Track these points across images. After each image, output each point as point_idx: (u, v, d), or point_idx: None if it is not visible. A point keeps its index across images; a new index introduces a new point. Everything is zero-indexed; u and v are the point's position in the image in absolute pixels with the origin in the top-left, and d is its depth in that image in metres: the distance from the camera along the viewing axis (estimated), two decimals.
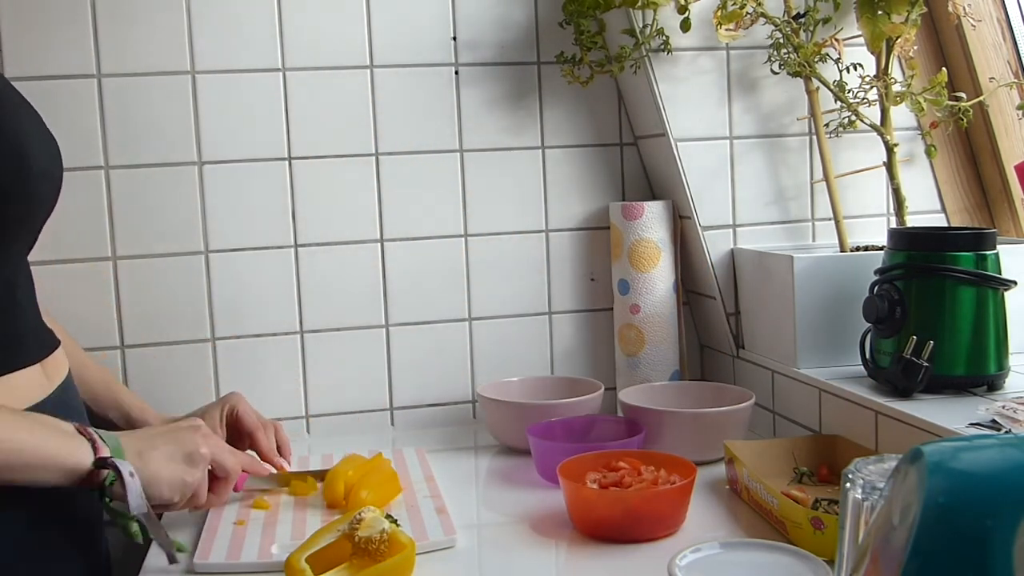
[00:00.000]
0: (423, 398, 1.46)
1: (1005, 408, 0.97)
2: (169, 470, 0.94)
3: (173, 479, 0.94)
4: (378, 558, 0.88)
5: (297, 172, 1.39)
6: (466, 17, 1.42)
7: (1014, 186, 1.40)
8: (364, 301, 1.43)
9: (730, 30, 1.30)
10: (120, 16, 1.32)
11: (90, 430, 0.90)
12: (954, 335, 1.10)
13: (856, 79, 1.30)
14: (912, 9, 1.22)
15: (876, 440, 1.10)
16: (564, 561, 0.98)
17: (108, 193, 1.34)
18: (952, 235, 1.21)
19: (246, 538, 1.00)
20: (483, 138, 1.45)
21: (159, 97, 1.34)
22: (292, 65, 1.38)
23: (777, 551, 0.81)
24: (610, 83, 1.47)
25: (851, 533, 0.68)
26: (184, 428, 0.99)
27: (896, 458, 0.62)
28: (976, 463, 0.55)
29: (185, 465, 0.96)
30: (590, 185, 1.49)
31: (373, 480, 1.09)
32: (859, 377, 1.18)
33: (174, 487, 0.95)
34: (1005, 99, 1.39)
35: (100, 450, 0.89)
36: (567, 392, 1.36)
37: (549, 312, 1.50)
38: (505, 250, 1.47)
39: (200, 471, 0.97)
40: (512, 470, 1.25)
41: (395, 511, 1.02)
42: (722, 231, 1.40)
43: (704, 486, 1.12)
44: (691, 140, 1.38)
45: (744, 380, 1.40)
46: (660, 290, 1.42)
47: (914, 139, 1.41)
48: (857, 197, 1.39)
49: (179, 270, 1.37)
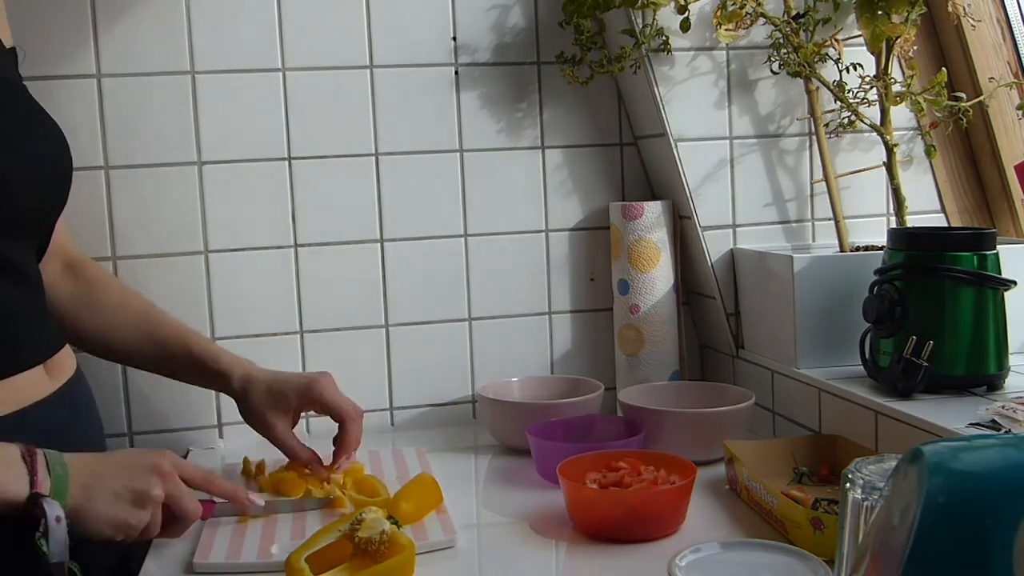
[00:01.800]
0: (423, 398, 1.46)
1: (1005, 408, 0.97)
2: (114, 509, 0.89)
3: (116, 520, 0.89)
4: (378, 559, 0.88)
5: (297, 172, 1.40)
6: (466, 17, 1.42)
7: (1014, 186, 1.40)
8: (364, 301, 1.43)
9: (730, 30, 1.30)
10: (120, 16, 1.32)
11: (37, 458, 0.85)
12: (954, 335, 1.10)
13: (856, 79, 1.30)
14: (912, 9, 1.22)
15: (876, 440, 1.10)
16: (564, 561, 0.98)
17: (108, 193, 1.34)
18: (952, 235, 1.21)
19: (246, 538, 1.00)
20: (483, 138, 1.45)
21: (159, 97, 1.34)
22: (292, 65, 1.38)
23: (777, 551, 0.81)
24: (610, 83, 1.47)
25: (851, 533, 0.68)
26: (142, 466, 0.92)
27: (896, 458, 0.62)
28: (976, 463, 0.55)
29: (131, 506, 0.90)
30: (590, 185, 1.49)
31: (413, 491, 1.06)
32: (859, 377, 1.18)
33: (116, 527, 0.89)
34: (1005, 99, 1.39)
35: (39, 483, 0.84)
36: (567, 392, 1.36)
37: (549, 312, 1.50)
38: (505, 250, 1.47)
39: (147, 513, 0.91)
40: (512, 470, 1.25)
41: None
42: (722, 231, 1.40)
43: (704, 486, 1.12)
44: (691, 140, 1.38)
45: (744, 380, 1.40)
46: (660, 290, 1.42)
47: (914, 139, 1.41)
48: (857, 197, 1.39)
49: (179, 270, 1.37)
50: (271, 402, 1.15)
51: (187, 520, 0.96)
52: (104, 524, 0.88)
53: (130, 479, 0.90)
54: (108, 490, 0.89)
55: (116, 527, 0.89)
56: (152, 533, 0.93)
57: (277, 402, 1.15)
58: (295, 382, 1.16)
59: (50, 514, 0.83)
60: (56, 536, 0.83)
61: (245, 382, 1.16)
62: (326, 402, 1.15)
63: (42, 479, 0.84)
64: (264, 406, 1.15)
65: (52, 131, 1.03)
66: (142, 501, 0.90)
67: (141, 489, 0.90)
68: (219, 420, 1.39)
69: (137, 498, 0.90)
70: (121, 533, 0.90)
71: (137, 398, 1.37)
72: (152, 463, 0.93)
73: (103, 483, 0.89)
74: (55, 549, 0.83)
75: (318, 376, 1.17)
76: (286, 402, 1.15)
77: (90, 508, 0.87)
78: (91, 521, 0.87)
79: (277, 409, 1.15)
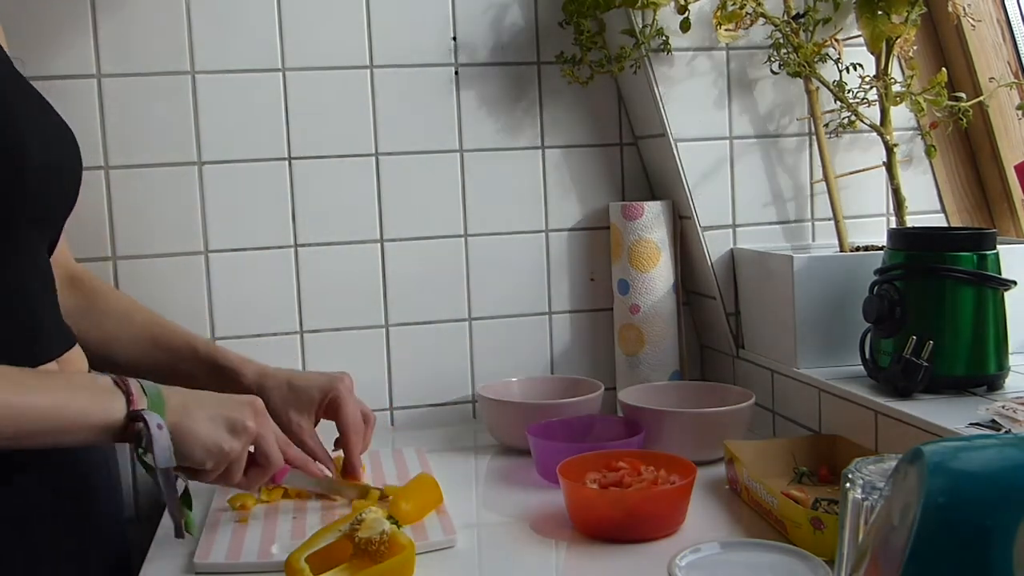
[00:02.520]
0: (423, 398, 1.46)
1: (1005, 408, 0.97)
2: (209, 431, 0.90)
3: (210, 442, 0.90)
4: (378, 559, 0.88)
5: (297, 172, 1.40)
6: (466, 17, 1.42)
7: (1014, 186, 1.40)
8: (364, 301, 1.43)
9: (730, 30, 1.30)
10: (120, 16, 1.32)
11: (130, 382, 0.88)
12: (954, 335, 1.10)
13: (856, 79, 1.30)
14: (912, 9, 1.22)
15: (876, 440, 1.10)
16: (564, 561, 0.98)
17: (108, 193, 1.34)
18: (952, 235, 1.21)
19: (246, 538, 1.00)
20: (483, 138, 1.45)
21: (159, 97, 1.34)
22: (292, 65, 1.38)
23: (777, 551, 0.81)
24: (610, 83, 1.47)
25: (851, 533, 0.68)
26: (239, 399, 0.95)
27: (896, 458, 0.62)
28: (976, 463, 0.55)
29: (227, 432, 0.91)
30: (590, 185, 1.49)
31: (413, 491, 1.06)
32: (859, 377, 1.18)
33: (209, 451, 0.90)
34: (1005, 99, 1.39)
35: (135, 402, 0.86)
36: (567, 392, 1.36)
37: (549, 312, 1.50)
38: (505, 250, 1.47)
39: (240, 443, 0.92)
40: (512, 470, 1.25)
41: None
42: (722, 231, 1.40)
43: (704, 486, 1.12)
44: (691, 140, 1.38)
45: (744, 380, 1.40)
46: (660, 290, 1.42)
47: (914, 139, 1.41)
48: (857, 197, 1.39)
49: (179, 270, 1.37)
50: (293, 399, 1.13)
51: (269, 467, 0.96)
52: (199, 445, 0.89)
53: (225, 407, 0.92)
54: (205, 413, 0.90)
55: (210, 451, 0.90)
56: (235, 476, 0.93)
57: (299, 400, 1.13)
58: (318, 380, 1.15)
59: (151, 422, 0.84)
60: (160, 443, 0.85)
61: (260, 378, 1.14)
62: (339, 407, 1.13)
63: (138, 398, 0.86)
64: (287, 403, 1.13)
65: (63, 128, 1.03)
66: (236, 430, 0.91)
67: (236, 418, 0.91)
68: None
69: (232, 425, 0.91)
70: (214, 459, 0.90)
71: None
72: (248, 399, 0.95)
73: (200, 406, 0.91)
74: (161, 455, 0.85)
75: (341, 375, 1.16)
76: (309, 400, 1.13)
77: (187, 426, 0.88)
78: (188, 439, 0.88)
79: (299, 407, 1.13)
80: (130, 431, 0.86)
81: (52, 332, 0.99)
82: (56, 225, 1.03)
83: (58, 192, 1.00)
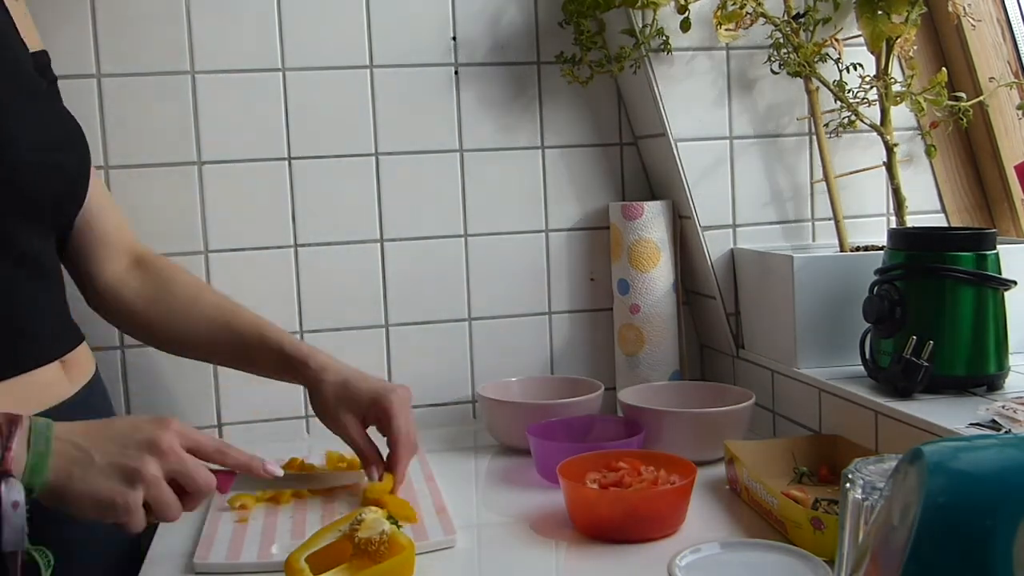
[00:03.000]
0: (423, 398, 1.46)
1: (1005, 408, 0.97)
2: (100, 486, 0.81)
3: (102, 497, 0.81)
4: (378, 559, 0.88)
5: (297, 172, 1.39)
6: (466, 17, 1.42)
7: (1014, 186, 1.40)
8: (364, 301, 1.43)
9: (730, 30, 1.30)
10: (120, 16, 1.32)
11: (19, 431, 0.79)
12: (954, 335, 1.10)
13: (856, 79, 1.30)
14: (912, 9, 1.22)
15: (876, 440, 1.10)
16: (564, 561, 0.98)
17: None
18: (952, 235, 1.21)
19: (246, 538, 1.00)
20: (483, 138, 1.45)
21: (159, 97, 1.34)
22: (292, 65, 1.38)
23: (777, 551, 0.81)
24: (610, 83, 1.47)
25: (851, 533, 0.68)
26: (136, 441, 0.84)
27: (896, 458, 0.62)
28: (976, 463, 0.55)
29: (120, 484, 0.82)
30: (590, 185, 1.49)
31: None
32: (859, 377, 1.18)
33: (101, 506, 0.82)
34: (1005, 99, 1.39)
35: (9, 460, 0.77)
36: (567, 392, 1.36)
37: (549, 312, 1.50)
38: (505, 250, 1.47)
39: (137, 492, 0.82)
40: (512, 470, 1.25)
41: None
42: (722, 231, 1.40)
43: (704, 486, 1.12)
44: (691, 140, 1.38)
45: (744, 380, 1.40)
46: (660, 290, 1.42)
47: (914, 139, 1.41)
48: (857, 197, 1.39)
49: None
50: (345, 398, 1.11)
51: (199, 489, 0.87)
52: (87, 504, 0.81)
53: (120, 455, 0.83)
54: (95, 469, 0.81)
55: (101, 506, 0.82)
56: (138, 524, 0.84)
57: (351, 399, 1.11)
58: (374, 385, 1.12)
59: (6, 500, 0.76)
60: (12, 524, 0.76)
61: (320, 372, 1.12)
62: (390, 418, 1.10)
63: (16, 455, 0.78)
64: (339, 401, 1.11)
65: (69, 127, 1.03)
66: (132, 479, 0.82)
67: (132, 467, 0.82)
68: (219, 420, 1.39)
69: (127, 476, 0.82)
70: (109, 513, 0.82)
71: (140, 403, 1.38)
72: (149, 438, 0.84)
73: (90, 458, 0.82)
74: (10, 537, 0.76)
75: (396, 387, 1.13)
76: (359, 402, 1.11)
77: (74, 489, 0.81)
78: (72, 500, 0.81)
79: (349, 407, 1.11)
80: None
81: (53, 333, 0.99)
82: (58, 222, 1.03)
83: (56, 189, 0.99)
